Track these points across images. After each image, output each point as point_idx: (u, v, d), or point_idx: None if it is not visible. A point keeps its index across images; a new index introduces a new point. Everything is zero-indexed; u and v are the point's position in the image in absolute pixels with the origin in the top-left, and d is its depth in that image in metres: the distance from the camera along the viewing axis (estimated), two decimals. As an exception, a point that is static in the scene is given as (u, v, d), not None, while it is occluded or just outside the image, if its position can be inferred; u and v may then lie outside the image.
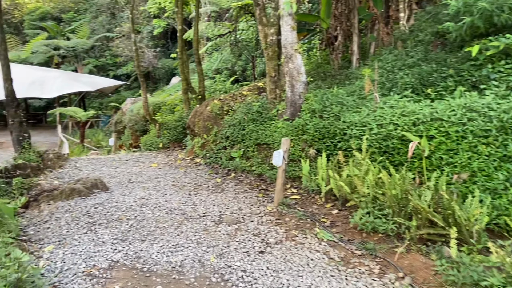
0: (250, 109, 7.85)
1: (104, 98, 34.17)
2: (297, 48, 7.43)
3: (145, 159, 9.16)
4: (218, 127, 8.37)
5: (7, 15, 36.79)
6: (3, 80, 7.87)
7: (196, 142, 8.82)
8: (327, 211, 5.55)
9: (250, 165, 7.47)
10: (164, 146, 10.68)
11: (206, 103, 9.07)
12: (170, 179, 7.13)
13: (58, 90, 23.41)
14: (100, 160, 8.96)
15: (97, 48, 34.26)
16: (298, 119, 7.00)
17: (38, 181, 6.69)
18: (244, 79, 20.19)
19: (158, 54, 31.65)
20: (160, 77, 31.48)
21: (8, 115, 7.91)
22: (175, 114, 11.69)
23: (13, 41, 31.95)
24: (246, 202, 5.77)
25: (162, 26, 29.15)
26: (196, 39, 11.19)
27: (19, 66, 26.67)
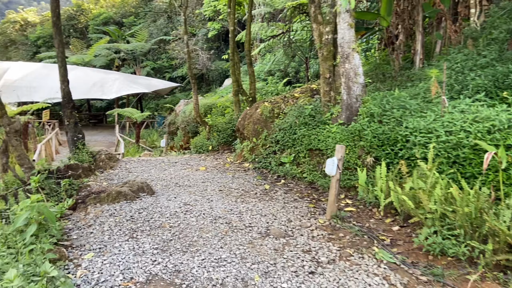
0: (302, 112, 7.41)
1: (160, 99, 35.14)
2: (354, 47, 6.90)
3: (193, 161, 9.01)
4: (268, 131, 8.02)
5: (74, 21, 39.01)
6: (60, 82, 8.04)
7: (245, 146, 8.52)
8: (386, 227, 4.99)
9: (301, 171, 7.03)
10: (214, 148, 10.51)
11: (256, 105, 8.75)
12: (217, 184, 6.87)
13: (116, 91, 24.27)
14: (149, 161, 8.93)
15: (154, 51, 35.33)
16: (354, 124, 6.47)
17: (88, 182, 6.70)
18: (297, 81, 19.73)
19: (212, 57, 32.02)
20: (214, 79, 31.79)
21: (64, 116, 8.08)
22: (226, 116, 11.50)
23: (78, 45, 33.72)
24: (295, 213, 5.34)
25: (216, 29, 29.45)
26: (248, 40, 10.93)
27: (83, 69, 28.06)
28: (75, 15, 39.08)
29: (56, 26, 7.79)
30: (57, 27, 7.79)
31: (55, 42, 7.83)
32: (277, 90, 17.56)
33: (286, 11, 15.32)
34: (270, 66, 20.57)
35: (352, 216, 5.33)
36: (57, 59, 8.00)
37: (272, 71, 21.11)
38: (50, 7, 7.91)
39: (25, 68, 26.85)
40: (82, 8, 39.83)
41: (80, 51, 33.39)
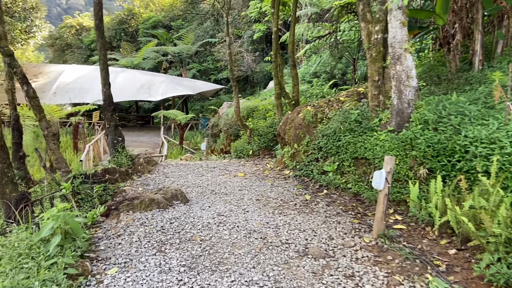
0: (347, 118, 6.89)
1: (205, 101, 35.46)
2: (407, 47, 6.30)
3: (232, 167, 8.72)
4: (310, 137, 7.56)
5: (125, 25, 40.34)
6: (101, 85, 8.04)
7: (286, 152, 8.11)
8: (441, 249, 4.40)
9: (345, 181, 6.52)
10: (254, 153, 10.18)
11: (298, 109, 8.32)
12: (255, 193, 6.50)
13: (162, 93, 24.65)
14: (188, 166, 8.74)
15: (200, 53, 35.73)
16: (405, 131, 5.88)
17: (124, 187, 6.57)
18: (344, 83, 19.03)
19: (257, 58, 31.87)
20: (258, 81, 31.61)
21: (105, 118, 8.06)
22: (267, 120, 11.14)
23: (128, 48, 34.77)
24: (338, 229, 4.86)
25: (262, 30, 29.26)
26: (292, 41, 10.51)
27: (131, 71, 28.82)
28: (126, 19, 40.40)
29: (99, 29, 7.79)
30: (99, 30, 7.79)
31: (97, 45, 7.83)
32: (323, 92, 16.97)
33: (333, 10, 14.74)
34: (316, 67, 20.00)
35: (402, 235, 4.77)
36: (99, 62, 8.00)
37: (318, 73, 20.53)
38: (93, 10, 7.93)
39: (78, 70, 27.97)
40: (133, 12, 41.11)
41: (130, 54, 34.40)
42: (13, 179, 5.28)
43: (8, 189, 5.13)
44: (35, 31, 26.13)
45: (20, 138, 8.76)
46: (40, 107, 5.76)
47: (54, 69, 28.05)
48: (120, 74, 27.42)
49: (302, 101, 14.30)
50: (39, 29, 26.68)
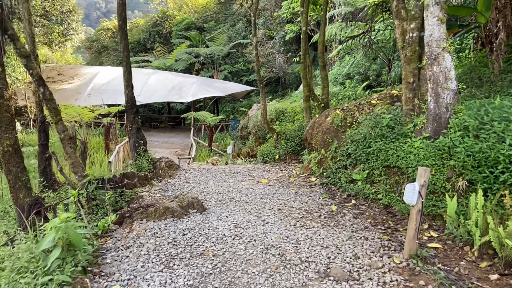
0: (379, 122, 6.39)
1: (236, 102, 35.36)
2: (445, 46, 5.75)
3: (256, 172, 8.37)
4: (338, 142, 7.10)
5: (159, 27, 40.92)
6: (124, 87, 7.90)
7: (312, 158, 7.68)
8: (481, 273, 3.88)
9: (375, 191, 6.03)
10: (280, 157, 9.80)
11: (326, 113, 7.86)
12: (277, 202, 6.12)
13: (193, 95, 24.68)
14: (210, 171, 8.47)
15: (232, 54, 35.69)
16: (443, 139, 5.34)
17: (142, 192, 6.37)
18: (378, 85, 18.29)
19: (289, 60, 31.46)
20: (290, 83, 31.17)
21: (127, 121, 7.92)
22: (295, 123, 10.73)
23: (161, 50, 35.19)
24: (365, 247, 4.41)
25: (294, 31, 28.86)
26: (322, 40, 10.05)
27: (163, 73, 29.10)
28: (160, 22, 40.97)
29: (122, 30, 7.66)
30: (123, 31, 7.65)
31: (121, 46, 7.69)
32: (355, 94, 16.38)
33: (367, 9, 14.14)
34: (349, 68, 19.36)
35: (437, 255, 4.27)
36: (122, 64, 7.87)
37: (351, 74, 19.86)
38: (116, 10, 7.82)
39: (112, 72, 28.51)
40: (167, 14, 41.64)
41: (163, 55, 34.80)
42: (27, 183, 5.17)
43: (21, 194, 5.02)
44: (71, 34, 26.82)
45: (46, 139, 8.78)
46: (57, 110, 5.64)
47: (89, 71, 28.73)
48: (152, 75, 27.74)
49: (334, 104, 13.77)
50: (76, 31, 27.37)
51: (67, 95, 25.80)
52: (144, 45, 40.37)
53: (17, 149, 5.12)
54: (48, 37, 23.89)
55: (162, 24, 41.15)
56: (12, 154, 5.01)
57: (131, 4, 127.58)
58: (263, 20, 33.93)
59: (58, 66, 29.89)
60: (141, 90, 25.75)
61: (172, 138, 25.86)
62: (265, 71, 30.43)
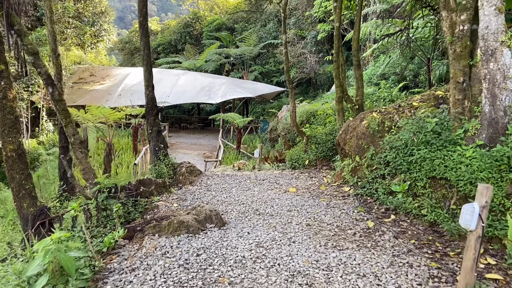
0: (422, 127, 5.64)
1: (266, 103, 34.81)
2: (504, 39, 4.95)
3: (284, 179, 7.75)
4: (375, 149, 6.38)
5: (190, 28, 40.95)
6: (144, 87, 7.47)
7: (345, 165, 6.98)
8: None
9: (419, 206, 5.28)
10: (310, 163, 9.13)
11: (362, 116, 7.14)
12: (306, 215, 5.48)
13: (222, 96, 24.30)
14: (234, 177, 7.91)
15: (263, 55, 35.18)
16: (500, 147, 4.57)
17: (159, 201, 5.88)
18: (415, 86, 17.24)
19: (321, 60, 30.64)
20: (322, 83, 30.30)
21: (147, 123, 7.48)
22: (327, 126, 10.02)
23: (192, 51, 35.11)
24: (410, 277, 3.71)
25: (326, 30, 28.04)
26: (356, 38, 9.32)
27: (193, 73, 28.91)
28: (191, 23, 40.97)
29: (143, 26, 7.23)
30: (143, 27, 7.22)
31: (141, 44, 7.28)
32: (391, 96, 15.45)
33: (406, 5, 13.23)
34: (384, 68, 18.40)
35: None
36: (142, 62, 7.43)
37: (386, 75, 18.87)
38: (137, 6, 7.41)
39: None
40: (198, 15, 41.61)
41: (193, 56, 34.69)
42: (32, 192, 4.79)
43: (25, 203, 4.64)
44: (103, 35, 27.05)
45: (66, 142, 8.49)
46: (67, 111, 5.25)
47: (121, 72, 28.93)
48: (182, 76, 27.59)
49: (368, 105, 12.93)
50: (108, 33, 27.60)
51: (98, 95, 26.04)
52: (175, 46, 40.48)
53: (21, 154, 4.75)
54: (80, 39, 24.12)
55: (193, 25, 41.15)
56: (16, 160, 4.64)
57: (165, 6, 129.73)
58: (294, 20, 33.22)
59: (90, 67, 30.31)
60: (171, 91, 25.64)
61: (200, 140, 25.59)
62: (296, 71, 29.73)
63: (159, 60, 36.48)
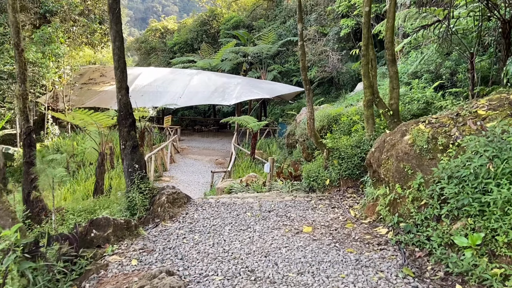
0: (503, 150, 3.75)
1: (285, 104, 32.92)
2: None
3: (297, 210, 5.90)
4: (425, 176, 4.49)
5: (206, 26, 39.43)
6: (116, 90, 5.77)
7: (381, 195, 5.11)
8: None
9: (501, 275, 3.39)
10: (332, 183, 7.27)
11: (403, 128, 5.23)
12: (325, 284, 3.64)
13: (237, 97, 22.61)
14: (232, 207, 6.09)
15: (282, 53, 33.36)
16: None
17: (113, 254, 4.15)
18: (452, 85, 15.10)
19: (344, 58, 28.57)
20: (344, 83, 28.17)
21: (120, 136, 5.76)
22: (352, 135, 8.13)
23: (207, 50, 33.56)
24: None
25: (350, 26, 25.96)
26: (391, 25, 7.40)
27: (207, 73, 27.31)
28: (208, 21, 39.43)
29: (113, 11, 5.54)
30: (113, 12, 5.53)
31: (110, 33, 5.59)
32: (425, 97, 13.40)
33: (445, -10, 11.20)
34: (416, 66, 16.27)
35: None
36: (113, 57, 5.74)
37: (419, 73, 16.73)
38: (106, -15, 5.74)
39: (155, 73, 27.20)
40: (215, 13, 40.06)
41: (209, 55, 33.11)
42: None
43: None
44: (113, 34, 25.67)
45: (32, 156, 6.91)
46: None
47: (132, 72, 27.58)
48: (195, 76, 26.03)
49: (400, 110, 10.95)
50: (119, 31, 26.20)
51: (107, 97, 24.76)
52: (191, 45, 39.02)
53: None
54: (87, 37, 22.82)
55: (210, 23, 39.60)
56: None
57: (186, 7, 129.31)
58: (315, 16, 31.26)
59: (101, 67, 29.11)
60: (183, 91, 24.10)
61: (214, 144, 23.93)
62: (317, 70, 27.74)
63: (174, 60, 35.08)
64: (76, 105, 24.76)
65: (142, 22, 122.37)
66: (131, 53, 50.08)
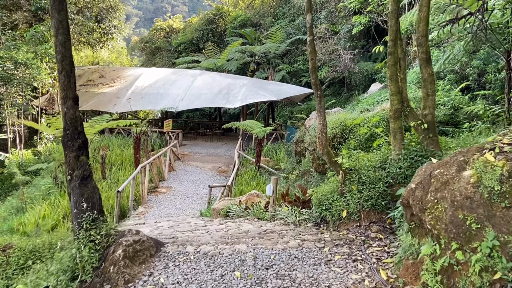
0: None
1: (295, 106, 31.35)
2: None
3: (305, 265, 4.33)
4: (499, 234, 2.96)
5: (212, 25, 37.99)
6: (61, 100, 4.27)
7: (427, 254, 3.56)
8: None
9: None
10: (350, 216, 5.73)
11: (459, 157, 3.66)
12: None
13: (242, 99, 21.10)
14: (216, 262, 4.45)
15: (291, 53, 31.78)
16: None
17: None
18: (480, 87, 13.43)
19: (356, 57, 26.86)
20: (357, 84, 26.43)
21: (66, 161, 4.26)
22: (374, 152, 6.56)
23: (213, 49, 32.14)
24: None
25: (363, 23, 24.19)
26: (424, 16, 5.83)
27: (210, 74, 25.83)
28: (214, 19, 37.98)
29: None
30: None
31: (52, 25, 4.11)
32: (453, 101, 11.79)
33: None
34: (440, 65, 14.59)
35: None
36: (55, 56, 4.25)
37: (441, 73, 15.05)
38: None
39: (156, 74, 25.81)
40: (221, 11, 38.59)
41: (214, 55, 31.66)
42: None
43: None
44: (112, 32, 24.37)
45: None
46: None
47: (132, 73, 26.26)
48: (198, 77, 24.58)
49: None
50: (118, 30, 24.91)
51: (106, 99, 23.43)
52: (197, 44, 37.56)
53: None
54: (84, 36, 21.49)
55: (216, 21, 38.13)
56: None
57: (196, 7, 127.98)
58: (325, 13, 29.62)
59: (100, 68, 27.80)
60: (185, 94, 22.66)
61: (218, 149, 22.43)
62: (327, 70, 26.11)
63: (178, 60, 33.67)
64: (73, 108, 23.47)
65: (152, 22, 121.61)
66: (136, 53, 48.89)
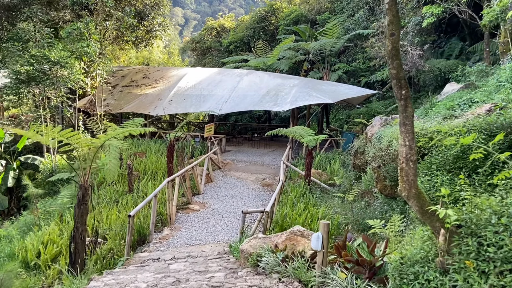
0: None
1: (352, 109, 28.24)
2: None
3: None
4: None
5: (265, 22, 35.86)
6: None
7: None
8: None
9: None
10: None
11: None
12: None
13: (292, 102, 18.59)
14: None
15: (349, 51, 28.79)
16: None
17: None
18: None
19: (426, 54, 23.26)
20: (426, 84, 22.82)
21: None
22: (501, 192, 3.85)
23: (263, 47, 29.96)
24: None
25: (435, 14, 20.55)
26: None
27: (259, 73, 23.51)
28: (266, 16, 35.82)
29: None
30: None
31: None
32: None
33: None
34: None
35: None
36: None
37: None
38: None
39: (201, 74, 24.01)
40: (274, 8, 36.37)
41: (264, 54, 29.45)
42: None
43: None
44: (156, 30, 22.91)
45: None
46: None
47: (176, 73, 24.68)
48: (245, 77, 22.40)
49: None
50: (162, 27, 23.41)
51: (147, 101, 21.96)
52: (247, 43, 35.61)
53: None
54: (123, 32, 20.08)
55: (268, 19, 35.93)
56: None
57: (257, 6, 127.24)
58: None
59: (145, 68, 26.58)
60: (229, 95, 20.56)
61: (264, 157, 20.05)
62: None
63: (226, 59, 31.83)
64: (113, 110, 22.27)
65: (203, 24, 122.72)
66: (188, 54, 47.99)
